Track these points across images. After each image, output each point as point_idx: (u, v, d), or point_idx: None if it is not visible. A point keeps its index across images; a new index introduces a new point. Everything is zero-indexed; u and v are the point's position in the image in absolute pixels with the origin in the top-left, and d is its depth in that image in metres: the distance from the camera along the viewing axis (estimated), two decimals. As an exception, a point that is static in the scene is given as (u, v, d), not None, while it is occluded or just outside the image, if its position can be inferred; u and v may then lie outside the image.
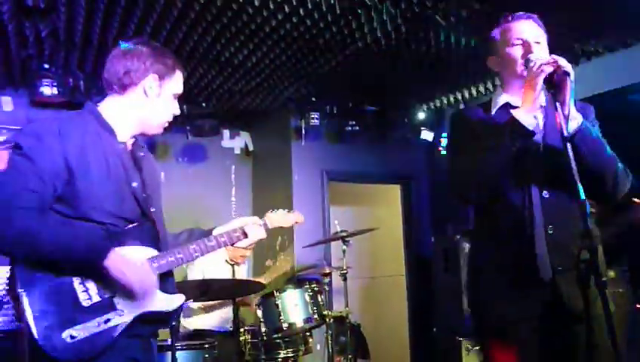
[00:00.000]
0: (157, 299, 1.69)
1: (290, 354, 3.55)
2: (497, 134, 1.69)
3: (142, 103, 1.76)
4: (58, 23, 3.32)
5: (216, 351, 3.27)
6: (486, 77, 4.61)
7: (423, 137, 5.41)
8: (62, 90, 3.99)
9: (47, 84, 3.92)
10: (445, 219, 5.83)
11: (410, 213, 5.93)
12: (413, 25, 3.53)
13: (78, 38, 3.53)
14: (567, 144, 1.53)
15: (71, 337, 1.49)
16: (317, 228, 5.03)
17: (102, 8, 3.14)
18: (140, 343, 1.69)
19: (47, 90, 3.93)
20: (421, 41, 3.81)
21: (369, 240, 5.10)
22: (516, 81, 1.81)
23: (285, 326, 3.43)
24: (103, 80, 1.78)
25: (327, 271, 4.17)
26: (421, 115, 5.40)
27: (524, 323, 1.69)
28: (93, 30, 3.43)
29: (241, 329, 3.54)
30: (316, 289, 3.65)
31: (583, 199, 1.48)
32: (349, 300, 4.03)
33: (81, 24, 3.34)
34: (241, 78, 4.34)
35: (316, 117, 4.98)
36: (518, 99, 1.80)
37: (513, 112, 1.68)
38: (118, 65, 1.74)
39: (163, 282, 1.73)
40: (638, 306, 3.85)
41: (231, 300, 3.63)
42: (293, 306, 3.50)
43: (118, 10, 3.18)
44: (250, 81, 4.43)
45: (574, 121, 1.65)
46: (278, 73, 4.30)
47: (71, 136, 1.61)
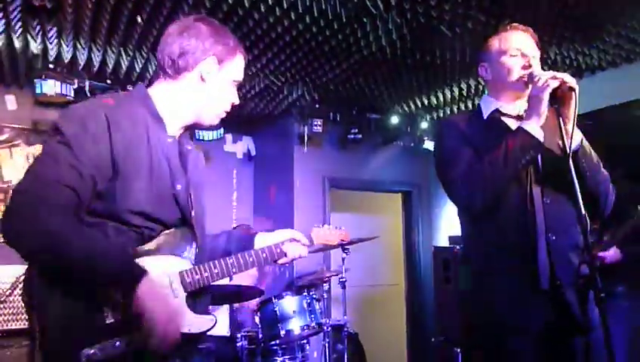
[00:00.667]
0: (186, 320, 1.48)
1: None
2: (504, 145, 1.67)
3: (198, 89, 1.55)
4: (64, 23, 3.33)
5: (214, 357, 3.26)
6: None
7: (425, 146, 5.42)
8: (66, 90, 4.00)
9: (51, 84, 3.93)
10: (444, 229, 5.84)
11: (410, 223, 5.92)
12: (418, 34, 3.54)
13: (84, 38, 3.55)
14: (570, 159, 1.54)
15: (87, 356, 1.31)
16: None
17: (109, 10, 3.16)
18: None
19: (52, 89, 3.93)
20: (426, 51, 3.82)
21: (369, 249, 5.08)
22: (508, 91, 1.83)
23: (283, 333, 3.42)
24: (157, 61, 1.57)
25: (326, 278, 4.16)
26: (424, 125, 5.42)
27: (525, 333, 1.67)
28: (99, 31, 3.45)
29: (238, 335, 3.52)
30: (315, 296, 3.64)
31: (583, 214, 1.49)
32: (347, 308, 4.02)
33: (87, 25, 3.35)
34: (245, 84, 4.35)
35: (319, 123, 4.99)
36: (508, 107, 1.84)
37: (523, 125, 1.67)
38: (174, 44, 1.53)
39: (193, 300, 1.53)
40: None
41: (228, 305, 3.62)
42: (292, 313, 3.49)
43: (125, 12, 3.20)
44: (254, 87, 4.43)
45: (576, 136, 1.66)
46: (282, 79, 4.31)
47: (119, 126, 1.39)
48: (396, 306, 5.86)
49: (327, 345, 3.79)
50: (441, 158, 1.87)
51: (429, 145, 5.39)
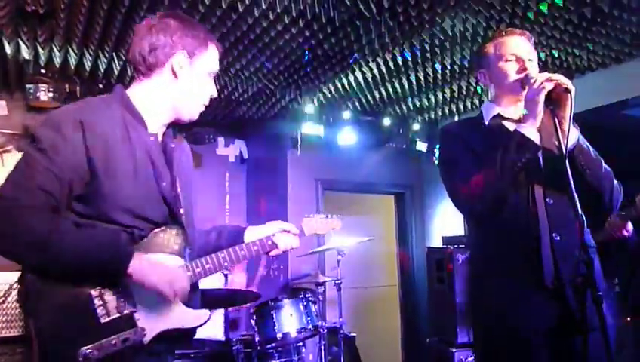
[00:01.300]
0: (181, 315, 1.54)
1: (283, 364, 3.53)
2: (501, 148, 1.69)
3: (172, 85, 1.55)
4: (56, 28, 3.32)
5: (210, 361, 3.25)
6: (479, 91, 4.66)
7: (418, 148, 5.45)
8: (58, 95, 3.98)
9: (43, 89, 3.90)
10: (437, 230, 5.87)
11: (404, 224, 5.95)
12: (411, 37, 3.56)
13: (76, 43, 3.53)
14: (566, 160, 1.56)
15: (84, 356, 1.35)
16: (311, 237, 5.01)
17: (102, 15, 3.15)
18: (155, 361, 1.53)
19: (43, 94, 3.91)
20: (418, 53, 3.85)
21: (363, 251, 5.10)
22: (507, 95, 1.85)
23: (279, 336, 3.42)
24: (130, 61, 1.58)
25: (322, 280, 4.17)
26: (416, 126, 5.44)
27: (534, 335, 1.68)
28: (92, 36, 3.43)
29: (234, 339, 3.52)
30: (310, 299, 3.65)
31: (580, 213, 1.51)
32: (342, 310, 4.03)
33: (79, 30, 3.34)
34: (237, 87, 4.35)
35: (312, 126, 5.00)
36: (509, 112, 1.86)
37: (518, 128, 1.69)
38: (143, 42, 1.54)
39: (187, 296, 1.56)
40: (628, 319, 3.88)
41: (224, 309, 3.61)
42: (288, 316, 3.49)
43: (118, 17, 3.19)
44: (247, 90, 4.44)
45: (572, 136, 1.68)
46: (275, 82, 4.32)
47: (95, 128, 1.42)
48: (391, 307, 5.88)
49: (323, 348, 3.79)
50: (443, 165, 1.90)
51: (422, 146, 5.43)
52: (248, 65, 3.93)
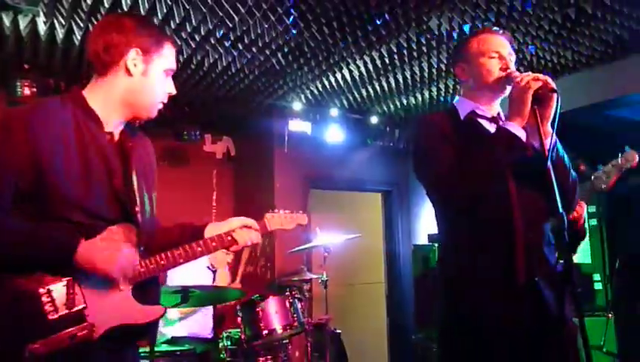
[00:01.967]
0: (132, 311, 1.53)
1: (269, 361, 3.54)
2: (488, 145, 1.70)
3: (127, 83, 1.57)
4: (39, 23, 3.28)
5: (196, 358, 3.25)
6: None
7: (404, 146, 5.47)
8: (42, 90, 3.93)
9: (27, 85, 3.86)
10: (424, 227, 5.91)
11: (390, 221, 5.98)
12: (397, 37, 3.58)
13: (60, 38, 3.49)
14: (548, 160, 1.57)
15: (30, 352, 1.34)
16: (298, 234, 5.03)
17: (85, 9, 3.12)
18: (114, 357, 1.53)
19: (27, 90, 3.86)
20: (405, 52, 3.87)
21: (350, 248, 5.12)
22: (486, 92, 1.85)
23: (265, 332, 3.41)
24: (88, 60, 1.61)
25: (308, 278, 4.18)
26: (402, 125, 5.47)
27: (502, 330, 1.68)
28: (75, 31, 3.40)
29: (221, 336, 3.52)
30: (297, 296, 3.65)
31: (561, 212, 1.52)
32: (328, 307, 4.04)
33: (63, 25, 3.30)
34: (224, 84, 4.33)
35: (299, 124, 5.00)
36: (484, 109, 1.86)
37: (507, 126, 1.68)
38: (98, 41, 1.55)
39: (141, 291, 1.56)
40: (609, 315, 3.95)
41: (211, 306, 3.61)
42: (274, 313, 3.49)
43: (102, 11, 3.16)
44: (234, 87, 4.43)
45: (553, 136, 1.69)
46: (262, 79, 4.31)
47: (43, 128, 1.44)
48: (377, 304, 5.91)
49: (309, 345, 3.80)
50: (422, 156, 1.85)
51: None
52: (236, 62, 3.92)
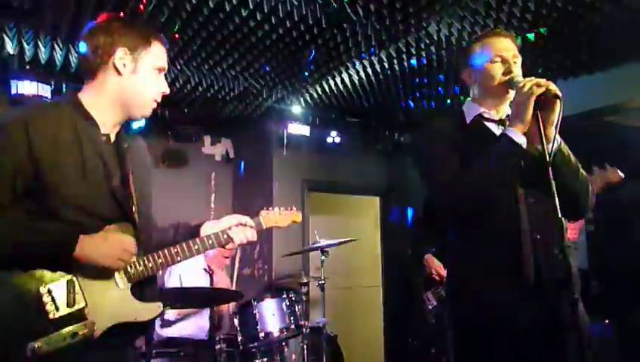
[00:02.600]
0: (132, 309, 1.56)
1: (265, 364, 3.54)
2: (489, 150, 1.70)
3: (117, 83, 1.58)
4: (42, 24, 3.29)
5: (192, 360, 3.25)
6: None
7: (403, 150, 5.48)
8: (43, 91, 3.93)
9: (28, 85, 3.86)
10: (422, 231, 5.90)
11: (388, 225, 5.98)
12: (397, 40, 3.59)
13: (62, 39, 3.50)
14: (550, 165, 1.57)
15: (32, 351, 1.37)
16: (296, 237, 5.04)
17: (89, 11, 3.12)
18: (114, 355, 1.56)
19: (29, 90, 3.87)
20: (404, 56, 3.88)
21: (347, 251, 5.13)
22: (491, 96, 1.85)
23: (262, 335, 3.42)
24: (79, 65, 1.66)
25: (305, 281, 4.18)
26: (401, 128, 5.48)
27: (512, 332, 1.69)
28: (77, 32, 3.41)
29: (217, 338, 3.51)
30: (294, 299, 3.66)
31: (560, 217, 1.53)
32: (325, 310, 4.04)
33: (66, 25, 3.31)
34: (224, 86, 4.34)
35: (298, 127, 5.01)
36: (491, 112, 1.87)
37: (507, 132, 1.69)
38: (86, 44, 1.58)
39: (139, 289, 1.60)
40: (606, 321, 3.96)
41: (207, 308, 3.60)
42: (271, 316, 3.49)
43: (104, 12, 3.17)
44: (234, 89, 4.43)
45: (556, 141, 1.68)
46: (262, 82, 4.32)
47: (40, 129, 1.46)
48: (374, 308, 5.91)
49: (306, 347, 3.80)
50: (428, 162, 1.87)
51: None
52: (235, 64, 3.93)
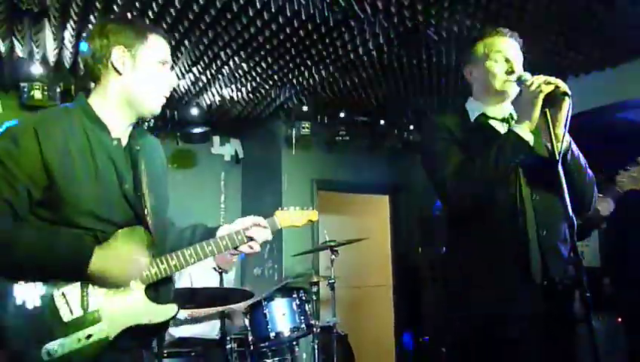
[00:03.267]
0: (146, 311, 1.56)
1: (276, 363, 3.54)
2: (496, 147, 1.70)
3: (119, 83, 1.57)
4: (51, 26, 3.31)
5: (203, 360, 3.26)
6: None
7: (412, 148, 5.46)
8: (52, 94, 3.97)
9: (37, 88, 3.89)
10: (432, 230, 5.88)
11: (398, 224, 5.96)
12: (405, 38, 3.58)
13: (71, 41, 3.52)
14: (559, 163, 1.56)
15: (48, 354, 1.38)
16: (305, 237, 5.04)
17: (95, 13, 3.14)
18: (129, 357, 1.56)
19: (38, 93, 3.90)
20: (412, 54, 3.86)
21: (357, 250, 5.12)
22: (493, 95, 1.85)
23: (272, 335, 3.42)
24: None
25: (315, 280, 4.18)
26: (410, 127, 5.45)
27: (515, 326, 1.68)
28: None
29: (228, 338, 3.52)
30: (304, 298, 3.65)
31: (571, 215, 1.52)
32: (336, 310, 4.04)
33: (73, 28, 3.33)
34: (232, 86, 4.35)
35: (307, 126, 5.01)
36: (494, 111, 1.87)
37: (514, 128, 1.69)
38: (85, 50, 1.59)
39: (154, 291, 1.59)
40: (618, 319, 3.92)
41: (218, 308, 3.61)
42: (281, 315, 3.49)
43: (111, 15, 3.18)
44: (242, 89, 4.44)
45: (565, 139, 1.67)
46: (270, 82, 4.32)
47: (51, 137, 1.46)
48: (384, 307, 5.89)
49: (317, 347, 3.80)
50: (431, 157, 1.87)
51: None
52: (244, 64, 3.94)
